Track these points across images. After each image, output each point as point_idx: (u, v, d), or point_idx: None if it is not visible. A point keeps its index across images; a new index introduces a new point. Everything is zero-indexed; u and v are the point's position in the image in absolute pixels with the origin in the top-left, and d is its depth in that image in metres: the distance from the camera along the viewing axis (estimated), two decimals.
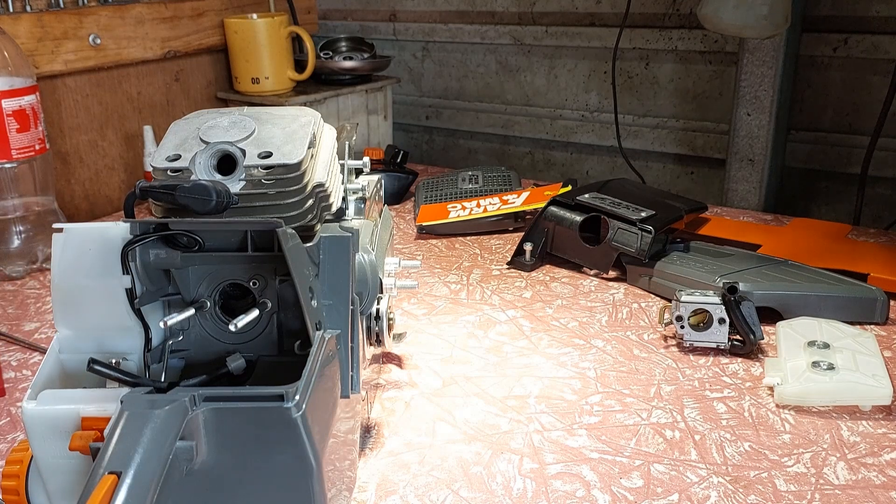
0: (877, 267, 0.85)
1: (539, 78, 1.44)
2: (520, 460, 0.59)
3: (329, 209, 0.54)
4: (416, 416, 0.65)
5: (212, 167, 0.49)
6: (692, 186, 1.34)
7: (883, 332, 0.76)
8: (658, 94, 1.32)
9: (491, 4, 1.45)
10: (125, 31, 1.20)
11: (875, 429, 0.61)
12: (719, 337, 0.72)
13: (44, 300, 0.89)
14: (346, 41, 1.42)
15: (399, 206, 1.19)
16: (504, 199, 1.08)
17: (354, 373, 0.51)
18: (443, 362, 0.73)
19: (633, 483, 0.56)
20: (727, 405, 0.65)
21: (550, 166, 1.48)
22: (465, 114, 1.53)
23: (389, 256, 0.68)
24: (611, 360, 0.73)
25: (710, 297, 0.73)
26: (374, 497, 0.55)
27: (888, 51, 1.10)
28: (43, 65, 1.10)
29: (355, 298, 0.52)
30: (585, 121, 1.40)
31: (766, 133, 1.15)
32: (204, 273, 0.49)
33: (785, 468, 0.57)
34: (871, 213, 1.17)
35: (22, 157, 0.96)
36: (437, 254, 1.00)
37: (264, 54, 1.28)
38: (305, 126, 0.52)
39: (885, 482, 0.55)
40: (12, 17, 1.06)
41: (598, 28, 1.34)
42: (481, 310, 0.84)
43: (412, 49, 1.56)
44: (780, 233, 1.01)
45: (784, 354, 0.69)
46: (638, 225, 0.87)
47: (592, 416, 0.64)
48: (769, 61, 1.12)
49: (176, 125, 0.53)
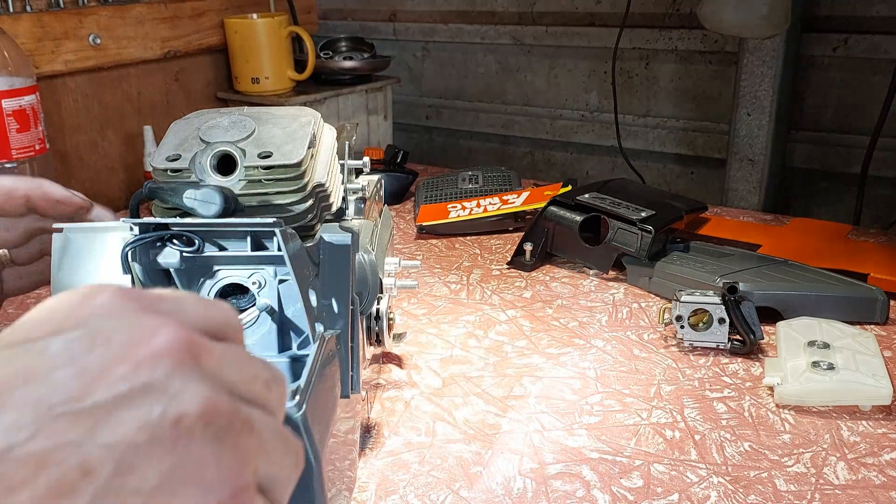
0: (877, 267, 0.85)
1: (539, 78, 1.44)
2: (520, 460, 0.59)
3: (329, 209, 0.54)
4: (416, 415, 0.65)
5: (212, 167, 0.49)
6: (692, 186, 1.34)
7: (883, 332, 0.76)
8: (658, 94, 1.32)
9: (491, 4, 1.45)
10: (125, 31, 1.20)
11: (875, 429, 0.61)
12: (719, 337, 0.72)
13: (44, 300, 0.88)
14: (346, 41, 1.42)
15: (399, 206, 1.19)
16: (504, 199, 1.08)
17: (354, 373, 0.51)
18: (443, 362, 0.73)
19: (633, 483, 0.56)
20: (727, 405, 0.65)
21: (550, 166, 1.48)
22: (465, 114, 1.53)
23: (389, 256, 0.68)
24: (611, 360, 0.73)
25: (710, 297, 0.73)
26: (374, 497, 0.55)
27: (888, 51, 1.10)
28: (43, 65, 1.10)
29: (355, 298, 0.52)
30: (585, 121, 1.40)
31: (766, 133, 1.15)
32: (204, 273, 0.49)
33: (785, 468, 0.57)
34: (871, 213, 1.17)
35: (22, 156, 0.96)
36: (437, 254, 1.00)
37: (264, 54, 1.28)
38: (305, 126, 0.52)
39: (885, 482, 0.55)
40: (12, 17, 1.06)
41: (598, 28, 1.34)
42: (481, 310, 0.84)
43: (412, 49, 1.56)
44: (780, 233, 1.01)
45: (784, 354, 0.69)
46: (638, 225, 0.87)
47: (592, 415, 0.64)
48: (769, 61, 1.12)
49: (176, 125, 0.53)
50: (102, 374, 0.19)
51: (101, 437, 0.18)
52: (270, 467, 0.22)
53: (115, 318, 0.21)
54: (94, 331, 0.20)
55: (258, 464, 0.21)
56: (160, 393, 0.19)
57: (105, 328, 0.20)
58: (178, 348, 0.20)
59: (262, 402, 0.23)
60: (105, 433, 0.18)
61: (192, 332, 0.21)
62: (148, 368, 0.19)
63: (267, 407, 0.23)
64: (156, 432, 0.18)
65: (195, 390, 0.20)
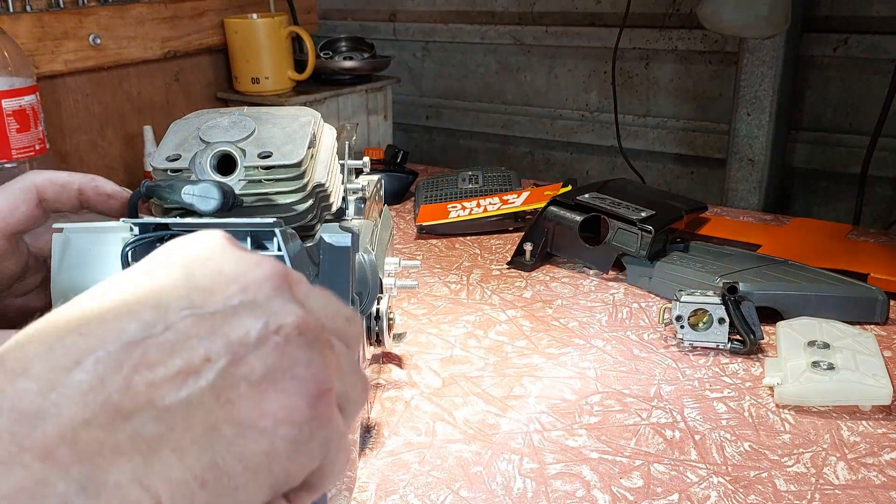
0: (877, 267, 0.85)
1: (539, 78, 1.44)
2: (520, 460, 0.59)
3: (329, 209, 0.54)
4: (416, 415, 0.65)
5: (212, 167, 0.49)
6: (692, 186, 1.34)
7: (883, 332, 0.76)
8: (658, 94, 1.32)
9: (491, 4, 1.45)
10: (125, 31, 1.20)
11: (875, 429, 0.61)
12: (719, 337, 0.72)
13: None
14: (346, 41, 1.42)
15: (399, 206, 1.19)
16: (504, 199, 1.08)
17: None
18: (443, 362, 0.73)
19: (633, 483, 0.56)
20: (727, 405, 0.65)
21: (550, 166, 1.48)
22: (465, 114, 1.53)
23: (389, 256, 0.68)
24: (611, 360, 0.73)
25: (710, 297, 0.73)
26: (374, 497, 0.55)
27: (888, 51, 1.10)
28: (43, 65, 1.10)
29: (355, 298, 0.52)
30: (585, 121, 1.40)
31: (766, 133, 1.15)
32: None
33: (785, 468, 0.57)
34: (871, 213, 1.17)
35: (22, 156, 0.96)
36: (437, 254, 1.00)
37: (264, 54, 1.28)
38: (305, 126, 0.52)
39: (885, 482, 0.55)
40: (12, 17, 1.06)
41: (598, 28, 1.34)
42: (481, 310, 0.84)
43: (412, 49, 1.56)
44: (780, 233, 1.01)
45: (784, 354, 0.69)
46: (638, 225, 0.87)
47: (592, 416, 0.64)
48: (769, 61, 1.12)
49: (176, 125, 0.53)
50: (218, 291, 0.24)
51: (220, 335, 0.23)
52: (345, 387, 0.26)
53: (227, 253, 0.26)
54: (209, 260, 0.25)
55: (336, 381, 0.25)
56: (264, 309, 0.24)
57: (218, 260, 0.25)
58: (277, 277, 0.25)
59: (342, 334, 0.27)
60: (223, 332, 0.23)
61: (286, 268, 0.26)
62: (253, 290, 0.24)
63: (346, 338, 0.28)
64: (262, 336, 0.23)
65: (291, 309, 0.24)
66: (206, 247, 0.26)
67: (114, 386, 0.21)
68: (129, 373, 0.21)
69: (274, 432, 0.23)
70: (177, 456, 0.21)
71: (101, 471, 0.20)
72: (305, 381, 0.24)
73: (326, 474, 0.25)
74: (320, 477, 0.25)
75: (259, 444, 0.22)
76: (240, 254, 0.26)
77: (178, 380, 0.22)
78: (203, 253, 0.26)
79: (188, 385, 0.22)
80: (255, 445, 0.22)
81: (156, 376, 0.22)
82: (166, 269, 0.25)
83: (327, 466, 0.25)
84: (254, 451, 0.22)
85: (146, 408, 0.21)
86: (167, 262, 0.25)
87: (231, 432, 0.22)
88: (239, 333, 0.23)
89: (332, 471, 0.25)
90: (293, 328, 0.24)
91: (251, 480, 0.22)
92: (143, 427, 0.21)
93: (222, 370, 0.22)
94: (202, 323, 0.23)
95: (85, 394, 0.21)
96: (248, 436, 0.22)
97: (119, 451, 0.20)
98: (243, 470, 0.22)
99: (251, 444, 0.22)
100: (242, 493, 0.22)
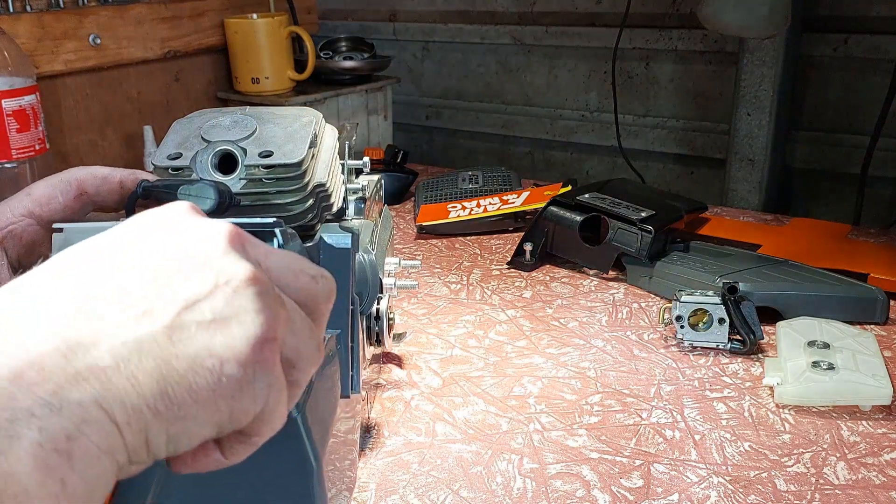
0: (877, 267, 0.85)
1: (539, 78, 1.44)
2: (520, 460, 0.59)
3: (330, 209, 0.54)
4: (416, 415, 0.65)
5: (213, 166, 0.49)
6: (692, 186, 1.34)
7: (883, 332, 0.76)
8: (658, 94, 1.32)
9: (491, 4, 1.45)
10: (125, 31, 1.20)
11: (875, 429, 0.61)
12: (719, 337, 0.72)
13: None
14: (346, 41, 1.42)
15: (399, 206, 1.19)
16: (504, 199, 1.08)
17: (354, 373, 0.51)
18: (443, 362, 0.73)
19: (633, 483, 0.56)
20: (727, 405, 0.65)
21: (550, 166, 1.48)
22: (465, 114, 1.53)
23: (389, 256, 0.68)
24: (611, 360, 0.73)
25: (710, 297, 0.73)
26: (374, 497, 0.55)
27: (888, 51, 1.10)
28: (43, 65, 1.10)
29: (355, 298, 0.52)
30: (585, 121, 1.40)
31: (766, 133, 1.15)
32: None
33: (785, 468, 0.57)
34: (871, 213, 1.17)
35: (22, 156, 0.96)
36: (437, 254, 1.00)
37: (264, 54, 1.28)
38: (307, 126, 0.52)
39: (885, 482, 0.55)
40: (12, 17, 1.06)
41: (598, 28, 1.34)
42: (481, 310, 0.84)
43: (412, 49, 1.56)
44: (780, 233, 1.01)
45: (784, 354, 0.69)
46: (638, 225, 0.87)
47: (592, 415, 0.64)
48: (769, 61, 1.12)
49: (177, 124, 0.53)
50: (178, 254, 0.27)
51: (176, 287, 0.26)
52: (297, 343, 0.29)
53: (187, 220, 0.28)
54: (171, 230, 0.28)
55: (286, 336, 0.28)
56: (216, 265, 0.27)
57: (179, 228, 0.28)
58: (229, 235, 0.28)
59: (308, 291, 0.30)
60: (178, 284, 0.26)
61: (240, 231, 0.29)
62: (208, 250, 0.27)
63: (312, 294, 0.30)
64: (213, 287, 0.26)
65: (242, 266, 0.27)
66: (168, 217, 0.29)
67: (77, 324, 0.24)
68: (89, 315, 0.25)
69: (220, 370, 0.25)
70: (131, 384, 0.24)
71: (63, 391, 0.23)
72: (250, 327, 0.26)
73: (266, 421, 0.27)
74: (259, 424, 0.27)
75: (206, 380, 0.25)
76: (198, 220, 0.29)
77: (134, 320, 0.25)
78: (166, 222, 0.28)
79: (143, 325, 0.25)
80: (203, 381, 0.25)
81: (115, 317, 0.25)
82: (134, 240, 0.28)
83: (267, 414, 0.27)
84: (201, 385, 0.25)
85: (104, 341, 0.24)
86: (136, 234, 0.28)
87: (181, 367, 0.25)
88: (192, 284, 0.26)
89: (272, 419, 0.28)
90: (242, 281, 0.27)
91: (199, 412, 0.25)
92: (101, 358, 0.24)
93: (175, 314, 0.25)
94: (159, 278, 0.26)
95: (51, 332, 0.24)
96: (197, 371, 0.25)
97: (80, 377, 0.23)
98: (192, 402, 0.25)
99: (199, 378, 0.25)
100: (191, 424, 0.25)
